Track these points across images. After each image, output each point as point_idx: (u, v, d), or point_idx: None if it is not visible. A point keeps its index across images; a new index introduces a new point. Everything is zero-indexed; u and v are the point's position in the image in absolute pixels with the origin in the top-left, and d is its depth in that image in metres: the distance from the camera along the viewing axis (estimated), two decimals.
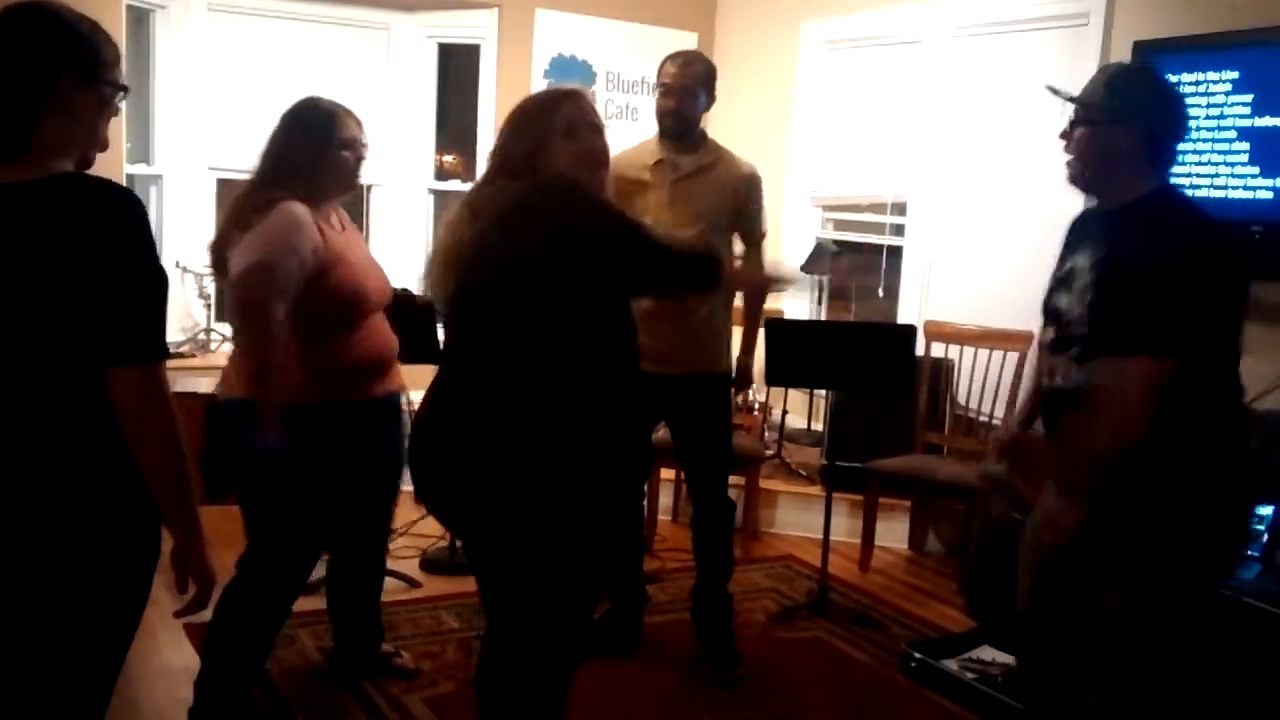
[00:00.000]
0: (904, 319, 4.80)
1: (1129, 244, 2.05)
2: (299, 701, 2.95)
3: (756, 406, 4.94)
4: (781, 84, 5.40)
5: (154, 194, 5.03)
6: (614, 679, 3.11)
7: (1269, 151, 3.45)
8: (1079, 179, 2.16)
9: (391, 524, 3.12)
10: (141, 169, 4.95)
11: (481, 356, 2.06)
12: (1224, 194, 3.54)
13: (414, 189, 5.53)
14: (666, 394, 3.08)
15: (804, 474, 4.76)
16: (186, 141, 5.04)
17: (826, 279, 5.12)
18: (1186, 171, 3.60)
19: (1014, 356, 4.17)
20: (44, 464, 1.60)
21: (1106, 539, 2.08)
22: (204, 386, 3.94)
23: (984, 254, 4.59)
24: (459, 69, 5.61)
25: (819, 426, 5.05)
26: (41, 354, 1.58)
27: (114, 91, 1.68)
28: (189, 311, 5.02)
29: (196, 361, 4.74)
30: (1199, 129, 3.59)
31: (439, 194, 5.56)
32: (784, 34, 5.39)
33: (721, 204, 3.19)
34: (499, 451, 2.01)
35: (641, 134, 3.35)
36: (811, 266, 4.92)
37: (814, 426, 5.14)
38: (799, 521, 4.59)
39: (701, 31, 5.69)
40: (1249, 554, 3.06)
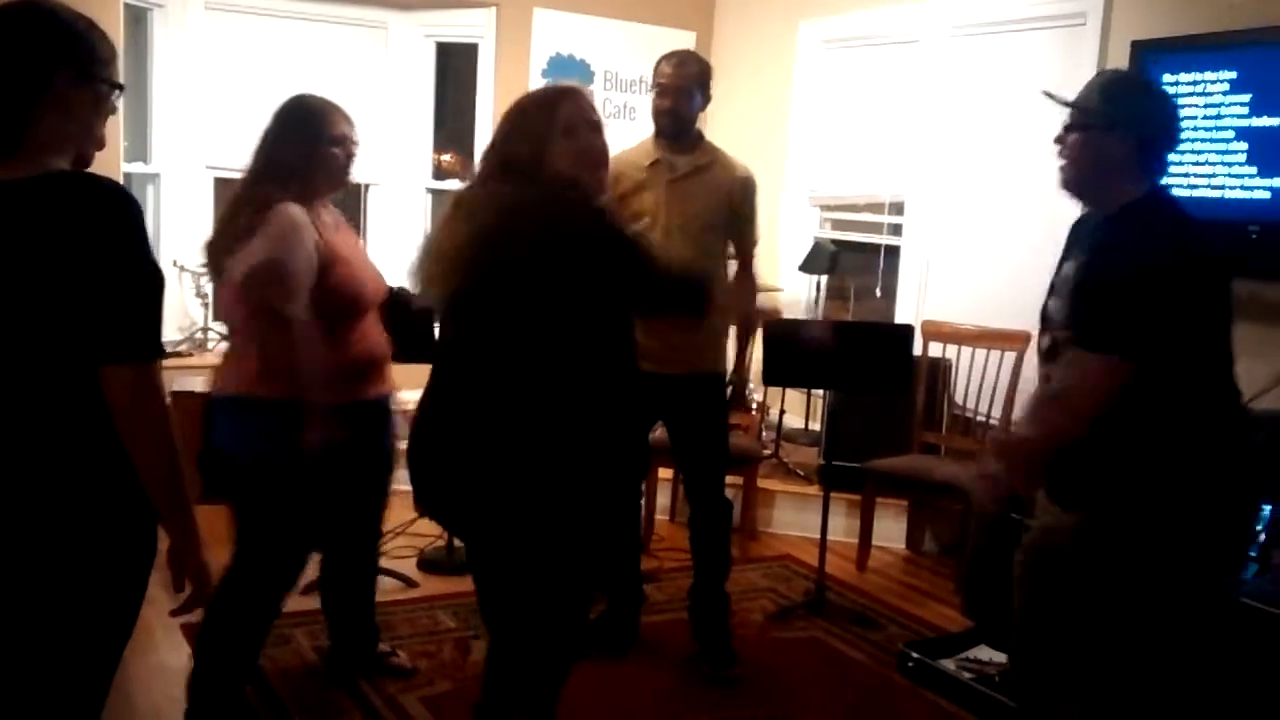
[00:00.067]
0: (901, 319, 4.80)
1: (1110, 246, 2.05)
2: (295, 701, 2.95)
3: (754, 406, 4.94)
4: (779, 83, 5.40)
5: (151, 193, 5.02)
6: (611, 678, 3.11)
7: (1266, 151, 3.45)
8: (1071, 184, 2.16)
9: (383, 525, 3.11)
10: (139, 168, 4.95)
11: (479, 358, 2.06)
12: (1221, 194, 3.55)
13: (412, 188, 5.53)
14: (664, 393, 3.07)
15: (801, 474, 4.76)
16: (184, 140, 5.03)
17: (825, 280, 5.12)
18: (1184, 172, 3.60)
19: (1011, 356, 4.17)
20: (41, 463, 1.60)
21: (1107, 542, 2.08)
22: (201, 385, 3.95)
23: (982, 254, 4.59)
24: (457, 68, 5.61)
25: (816, 426, 5.04)
26: (36, 353, 1.57)
27: (110, 89, 1.68)
28: (186, 310, 5.02)
29: (193, 360, 4.73)
30: (1197, 129, 3.60)
31: (437, 193, 5.55)
32: (782, 33, 5.39)
33: (716, 205, 3.19)
34: (498, 453, 2.01)
35: (639, 134, 3.34)
36: (810, 266, 4.92)
37: (811, 426, 5.15)
38: (796, 521, 4.59)
39: (699, 31, 5.68)
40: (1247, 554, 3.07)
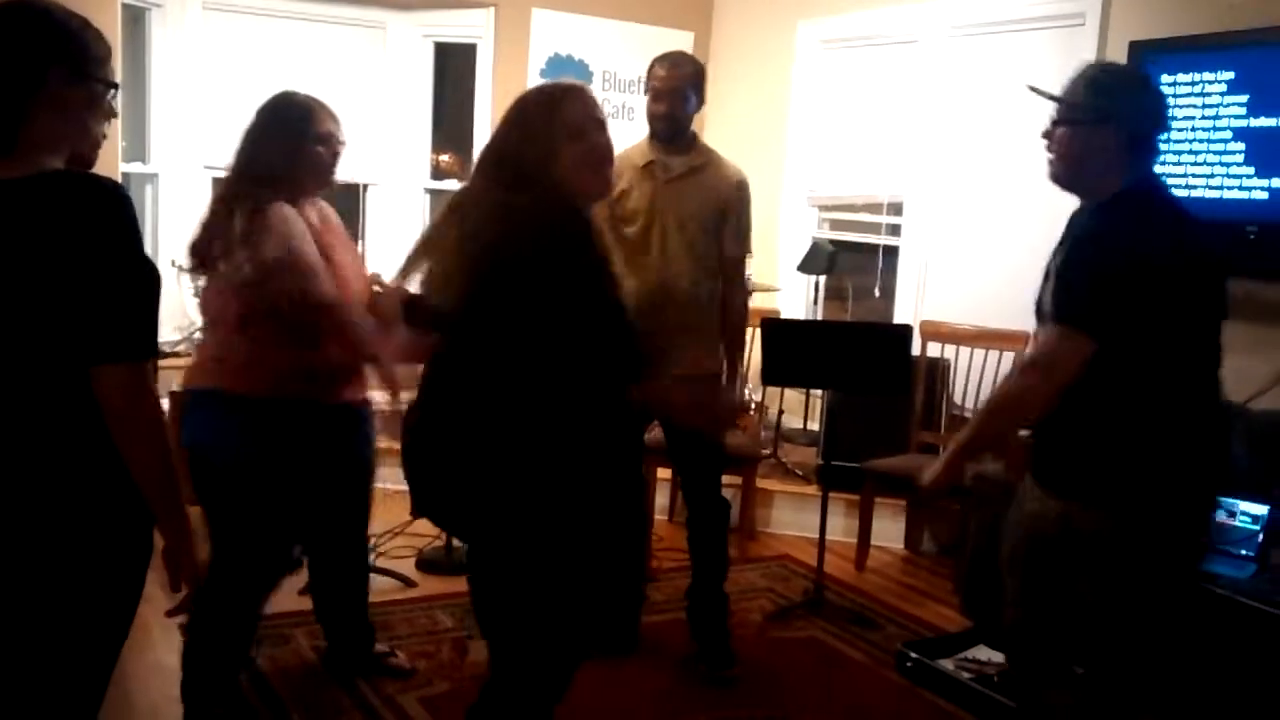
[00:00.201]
0: (900, 319, 4.80)
1: (1099, 234, 2.06)
2: (294, 700, 2.94)
3: (753, 406, 4.94)
4: (777, 83, 5.40)
5: (149, 192, 5.02)
6: (610, 678, 3.10)
7: (1264, 152, 3.45)
8: (1060, 177, 2.17)
9: (368, 527, 3.08)
10: (137, 167, 4.94)
11: (473, 364, 2.04)
12: (1219, 194, 3.55)
13: (410, 188, 5.52)
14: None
15: (800, 474, 4.75)
16: (182, 140, 5.02)
17: (824, 280, 5.12)
18: (1183, 172, 3.60)
19: (1010, 356, 4.16)
20: (38, 463, 1.59)
21: (1083, 529, 2.10)
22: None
23: (980, 254, 4.59)
24: (455, 68, 5.61)
25: (815, 426, 5.05)
26: (31, 352, 1.57)
27: (105, 88, 1.68)
28: (184, 310, 5.00)
29: (191, 360, 4.71)
30: (1195, 129, 3.60)
31: (435, 193, 5.55)
32: (780, 33, 5.39)
33: (710, 206, 3.19)
34: (493, 458, 1.99)
35: (638, 134, 3.34)
36: (808, 266, 4.92)
37: (810, 426, 5.15)
38: (795, 521, 4.59)
39: (697, 31, 5.68)
40: (1244, 554, 3.07)
